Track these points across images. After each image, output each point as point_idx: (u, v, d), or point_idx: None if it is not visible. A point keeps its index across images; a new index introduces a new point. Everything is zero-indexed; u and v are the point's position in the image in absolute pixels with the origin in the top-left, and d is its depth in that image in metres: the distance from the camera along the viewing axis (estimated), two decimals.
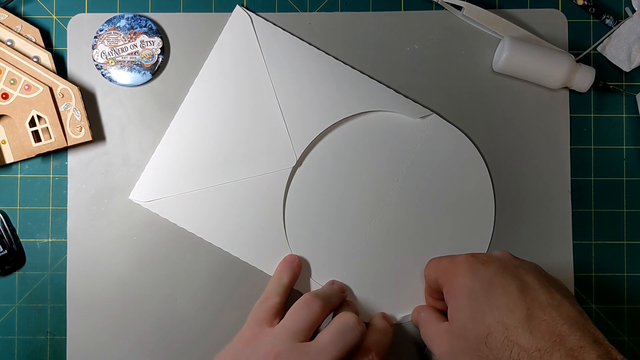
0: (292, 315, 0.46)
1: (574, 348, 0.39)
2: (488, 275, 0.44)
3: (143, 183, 0.52)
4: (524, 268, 0.44)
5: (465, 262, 0.45)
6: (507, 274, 0.43)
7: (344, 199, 0.52)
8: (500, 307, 0.42)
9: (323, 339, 0.44)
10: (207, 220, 0.52)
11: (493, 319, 0.41)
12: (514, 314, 0.41)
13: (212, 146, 0.52)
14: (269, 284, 0.50)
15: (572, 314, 0.41)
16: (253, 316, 0.47)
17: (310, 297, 0.47)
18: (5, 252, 0.52)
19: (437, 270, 0.47)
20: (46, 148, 0.51)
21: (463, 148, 0.53)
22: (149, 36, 0.52)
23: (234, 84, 0.52)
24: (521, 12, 0.53)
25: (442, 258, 0.48)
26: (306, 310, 0.46)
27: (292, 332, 0.45)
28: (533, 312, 0.41)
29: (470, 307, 0.43)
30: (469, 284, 0.44)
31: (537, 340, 0.40)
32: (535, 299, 0.42)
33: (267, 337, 0.45)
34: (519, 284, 0.42)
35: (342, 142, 0.53)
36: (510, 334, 0.40)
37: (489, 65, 0.53)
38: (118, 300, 0.52)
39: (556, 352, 0.39)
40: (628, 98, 0.54)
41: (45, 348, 0.53)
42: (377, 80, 0.53)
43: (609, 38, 0.53)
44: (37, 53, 0.52)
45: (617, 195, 0.53)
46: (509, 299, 0.42)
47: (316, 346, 0.44)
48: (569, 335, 0.39)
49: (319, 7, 0.54)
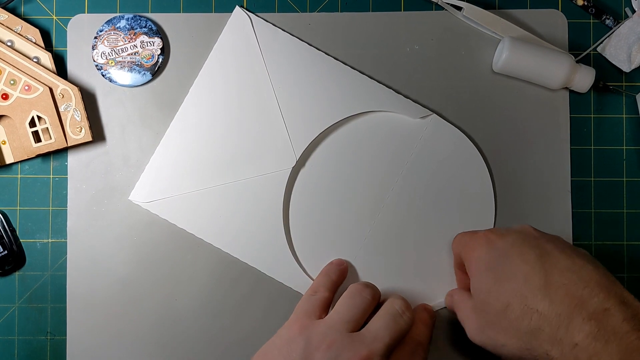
0: (343, 305, 0.46)
1: (596, 311, 0.38)
2: (505, 246, 0.43)
3: (143, 184, 0.52)
4: (545, 238, 0.44)
5: (483, 237, 0.45)
6: (526, 244, 0.43)
7: (345, 198, 0.52)
8: (518, 277, 0.41)
9: (375, 326, 0.44)
10: (207, 221, 0.52)
11: (511, 290, 0.41)
12: (532, 282, 0.40)
13: (212, 147, 0.52)
14: (317, 279, 0.50)
15: (595, 277, 0.40)
16: (301, 308, 0.47)
17: (361, 287, 0.47)
18: (5, 252, 0.52)
19: (459, 245, 0.48)
20: (46, 148, 0.51)
21: (463, 148, 0.53)
22: (149, 36, 0.52)
23: (234, 84, 0.52)
24: (521, 13, 0.53)
25: (465, 233, 0.48)
26: (358, 299, 0.46)
27: (344, 321, 0.44)
28: (552, 278, 0.40)
29: (488, 281, 0.43)
30: (486, 257, 0.44)
31: (556, 306, 0.39)
32: (555, 265, 0.41)
33: (318, 327, 0.44)
34: (538, 252, 0.42)
35: (342, 142, 0.53)
36: (529, 302, 0.40)
37: (489, 66, 0.53)
38: (118, 300, 0.52)
39: (577, 317, 0.38)
40: (628, 98, 0.54)
41: (45, 348, 0.53)
42: (377, 81, 0.53)
43: (609, 38, 0.53)
44: (37, 53, 0.52)
45: (617, 196, 0.53)
46: (527, 267, 0.41)
47: (369, 333, 0.44)
48: (590, 298, 0.38)
49: (319, 7, 0.54)
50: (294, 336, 0.44)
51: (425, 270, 0.52)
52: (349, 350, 0.42)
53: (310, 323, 0.45)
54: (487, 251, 0.44)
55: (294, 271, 0.52)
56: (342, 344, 0.43)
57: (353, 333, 0.44)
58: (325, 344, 0.43)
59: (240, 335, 0.52)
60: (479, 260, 0.44)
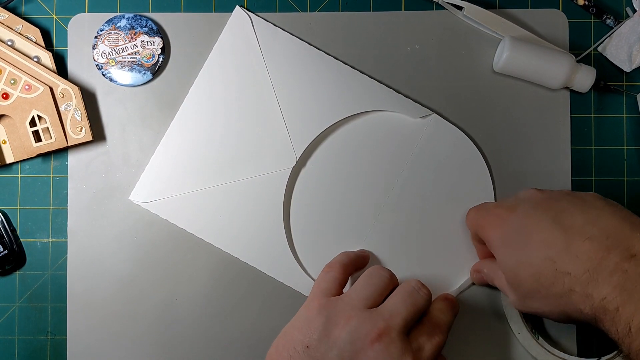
0: (361, 283, 0.46)
1: (621, 261, 0.38)
2: (518, 219, 0.43)
3: (143, 184, 0.52)
4: (554, 198, 0.44)
5: (494, 215, 0.46)
6: (538, 210, 0.43)
7: (345, 198, 0.52)
8: (540, 245, 0.41)
9: (392, 302, 0.45)
10: (207, 221, 0.52)
11: (537, 259, 0.41)
12: (555, 246, 0.40)
13: (212, 146, 0.52)
14: (335, 257, 0.50)
15: (614, 223, 0.40)
16: (318, 287, 0.47)
17: (379, 267, 0.47)
18: (6, 252, 0.52)
19: (473, 224, 0.48)
20: (46, 148, 0.51)
21: (463, 148, 0.52)
22: (149, 36, 0.52)
23: (234, 84, 0.52)
24: (522, 12, 0.53)
25: (476, 210, 0.49)
26: (377, 277, 0.46)
27: (362, 298, 0.45)
28: (573, 237, 0.40)
29: (512, 256, 0.43)
30: (503, 235, 0.44)
31: (583, 263, 0.39)
32: (572, 223, 0.41)
33: (336, 304, 0.45)
34: (552, 215, 0.42)
35: (343, 142, 0.53)
36: (559, 265, 0.40)
37: (490, 66, 0.53)
38: (118, 300, 0.52)
39: (604, 270, 0.38)
40: (629, 98, 0.53)
41: (45, 348, 0.53)
42: (378, 80, 0.53)
43: (609, 38, 0.53)
44: (38, 53, 0.52)
45: (617, 196, 0.53)
46: (546, 233, 0.41)
47: (387, 308, 0.44)
48: (615, 248, 0.38)
49: (320, 7, 0.54)
50: (313, 315, 0.44)
51: (426, 270, 0.52)
52: (367, 324, 0.43)
53: (327, 301, 0.45)
54: (502, 229, 0.44)
55: (294, 271, 0.52)
56: (361, 318, 0.43)
57: (372, 309, 0.44)
58: (344, 319, 0.43)
59: (240, 335, 0.52)
60: (497, 239, 0.45)
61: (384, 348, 0.42)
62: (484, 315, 0.52)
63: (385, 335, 0.42)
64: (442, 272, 0.52)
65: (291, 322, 0.46)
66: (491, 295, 0.52)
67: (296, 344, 0.43)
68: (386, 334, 0.42)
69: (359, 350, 0.42)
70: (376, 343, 0.42)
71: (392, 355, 0.42)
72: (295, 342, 0.44)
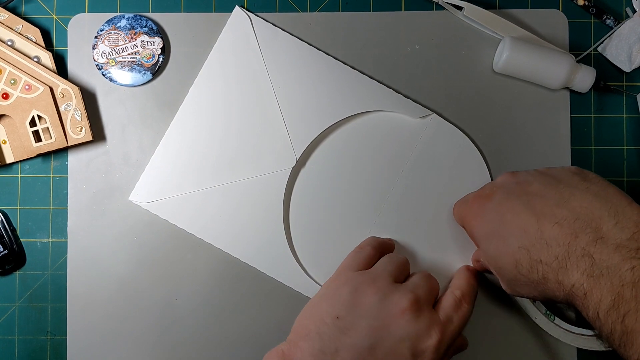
0: (385, 260, 0.47)
1: (589, 244, 0.37)
2: (494, 207, 0.43)
3: (143, 184, 0.52)
4: (527, 180, 0.43)
5: (473, 203, 0.46)
6: (513, 196, 0.42)
7: (345, 198, 0.52)
8: (515, 232, 0.41)
9: (415, 279, 0.46)
10: (207, 221, 0.52)
11: (514, 247, 0.41)
12: (529, 233, 0.40)
13: (212, 147, 0.52)
14: (365, 240, 0.51)
15: (584, 204, 0.39)
16: (347, 263, 0.48)
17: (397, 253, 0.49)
18: (6, 252, 0.52)
19: (458, 218, 0.49)
20: (47, 148, 0.51)
21: (463, 148, 0.52)
22: (149, 36, 0.52)
23: (234, 84, 0.52)
24: (522, 13, 0.53)
25: (460, 204, 0.49)
26: (398, 258, 0.48)
27: (389, 271, 0.45)
28: (543, 223, 0.39)
29: (492, 246, 0.43)
30: (482, 225, 0.44)
31: (553, 249, 0.38)
32: (543, 207, 0.40)
33: (363, 276, 0.45)
34: (525, 200, 0.41)
35: (342, 142, 0.53)
36: (532, 254, 0.40)
37: (490, 66, 0.53)
38: (118, 300, 0.52)
39: (571, 256, 0.37)
40: (629, 98, 0.53)
41: (45, 348, 0.53)
42: (378, 81, 0.53)
43: (609, 38, 0.53)
44: (38, 53, 0.52)
45: None
46: (520, 219, 0.41)
47: (413, 282, 0.45)
48: (583, 231, 0.38)
49: (320, 7, 0.54)
50: (340, 285, 0.45)
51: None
52: (395, 294, 0.43)
53: (354, 274, 0.46)
54: (480, 219, 0.45)
55: (294, 271, 0.52)
56: (389, 289, 0.44)
57: (397, 283, 0.45)
58: (372, 289, 0.44)
59: (240, 335, 0.52)
60: (478, 230, 0.45)
61: (414, 318, 0.42)
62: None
63: (415, 305, 0.43)
64: (442, 271, 0.52)
65: (316, 295, 0.46)
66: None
67: (324, 315, 0.43)
68: (415, 304, 0.43)
69: (389, 319, 0.42)
70: (407, 312, 0.43)
71: (421, 325, 0.42)
72: (323, 313, 0.43)
